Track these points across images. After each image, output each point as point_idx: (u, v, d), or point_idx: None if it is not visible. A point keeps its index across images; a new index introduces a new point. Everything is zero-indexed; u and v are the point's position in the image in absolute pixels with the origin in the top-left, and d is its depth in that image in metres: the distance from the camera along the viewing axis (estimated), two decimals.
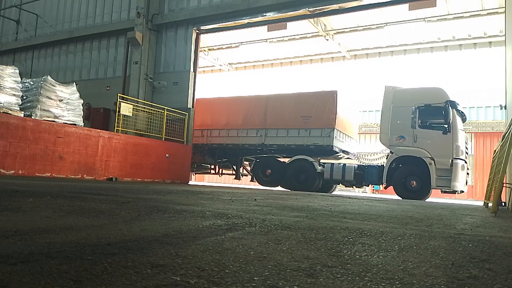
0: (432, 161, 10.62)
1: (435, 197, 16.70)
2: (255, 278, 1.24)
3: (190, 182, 17.22)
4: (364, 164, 13.82)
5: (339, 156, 13.74)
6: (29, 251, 1.42)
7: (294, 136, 13.15)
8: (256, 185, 17.52)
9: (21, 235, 1.75)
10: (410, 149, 10.99)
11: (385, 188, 12.08)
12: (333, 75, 25.92)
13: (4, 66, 9.30)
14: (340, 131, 13.07)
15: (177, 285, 1.12)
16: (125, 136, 11.49)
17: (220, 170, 15.72)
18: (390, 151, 11.45)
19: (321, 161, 13.26)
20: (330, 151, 12.84)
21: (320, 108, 12.89)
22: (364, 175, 12.14)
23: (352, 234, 2.42)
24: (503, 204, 8.64)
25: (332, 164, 12.73)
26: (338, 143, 12.94)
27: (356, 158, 15.90)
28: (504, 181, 6.03)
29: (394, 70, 30.14)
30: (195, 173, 18.01)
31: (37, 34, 18.76)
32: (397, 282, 1.30)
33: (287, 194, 9.05)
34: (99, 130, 10.89)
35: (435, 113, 11.00)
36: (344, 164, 12.66)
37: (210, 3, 14.15)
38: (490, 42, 14.90)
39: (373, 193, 24.81)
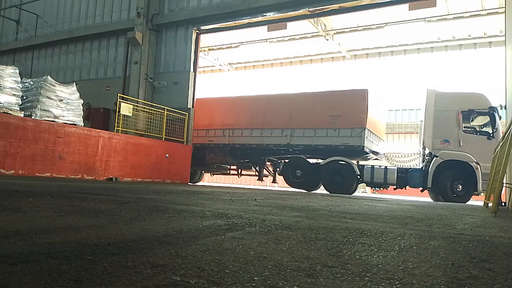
0: (478, 165, 10.68)
1: None
2: (255, 278, 1.24)
3: (202, 183, 17.13)
4: (405, 167, 13.40)
5: (368, 157, 13.40)
6: (29, 251, 1.42)
7: (322, 136, 12.77)
8: (282, 187, 17.37)
9: (21, 235, 1.75)
10: (456, 153, 10.96)
11: (423, 190, 11.98)
12: (333, 75, 25.93)
13: (4, 66, 9.30)
14: (370, 131, 12.73)
15: (177, 285, 1.12)
16: (125, 136, 11.49)
17: (241, 170, 15.25)
18: (434, 155, 11.34)
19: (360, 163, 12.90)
20: (360, 152, 12.51)
21: (350, 107, 12.49)
22: (406, 178, 11.90)
23: (352, 234, 2.42)
24: (503, 204, 8.65)
25: (372, 166, 12.38)
26: (369, 144, 12.58)
27: (386, 159, 15.44)
28: (504, 181, 6.03)
29: (394, 70, 30.16)
30: (213, 174, 17.61)
31: (37, 34, 18.76)
32: (397, 282, 1.30)
33: (287, 194, 9.05)
34: (99, 130, 10.89)
35: (478, 119, 11.18)
36: (386, 167, 12.40)
37: (210, 3, 14.15)
38: (490, 42, 14.91)
39: (373, 193, 24.81)
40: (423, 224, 3.39)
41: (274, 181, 15.29)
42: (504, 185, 7.58)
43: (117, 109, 11.65)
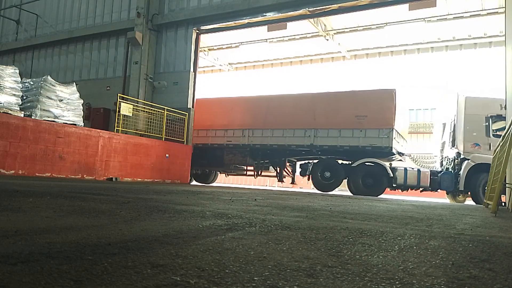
0: None
1: (435, 197, 16.70)
2: (255, 278, 1.24)
3: (217, 183, 16.87)
4: (436, 170, 13.22)
5: (393, 158, 13.21)
6: (29, 251, 1.42)
7: (347, 137, 12.48)
8: (301, 188, 17.11)
9: (21, 235, 1.75)
10: (487, 157, 10.96)
11: (451, 193, 12.01)
12: (333, 75, 25.92)
13: (4, 66, 9.30)
14: (397, 132, 12.52)
15: (177, 285, 1.12)
16: (125, 136, 11.49)
17: (260, 171, 14.89)
18: (465, 158, 11.41)
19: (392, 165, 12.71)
20: (387, 153, 12.30)
21: (377, 107, 12.23)
22: (439, 181, 11.87)
23: (352, 234, 2.42)
24: (503, 204, 8.64)
25: (405, 168, 12.25)
26: (396, 144, 12.35)
27: (413, 161, 15.12)
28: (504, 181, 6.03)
29: (394, 70, 30.14)
30: (228, 175, 17.30)
31: (37, 34, 18.75)
32: (397, 282, 1.30)
33: (287, 194, 9.05)
34: (99, 130, 10.89)
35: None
36: (418, 169, 12.31)
37: (210, 3, 14.15)
38: (490, 42, 14.90)
39: None
40: (423, 224, 3.39)
41: (293, 182, 15.04)
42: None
43: (117, 109, 11.65)
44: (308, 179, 13.65)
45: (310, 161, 13.72)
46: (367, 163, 12.39)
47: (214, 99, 15.77)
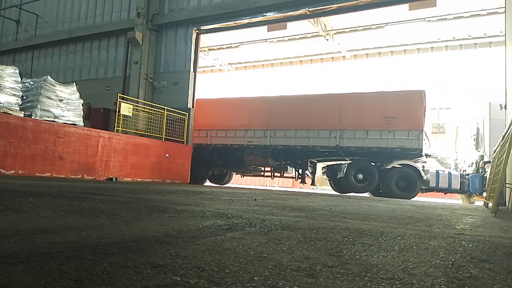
0: None
1: (435, 198, 16.70)
2: (255, 278, 1.24)
3: (231, 184, 16.66)
4: (465, 172, 13.15)
5: (419, 160, 13.02)
6: (29, 251, 1.42)
7: (375, 138, 12.33)
8: (320, 189, 16.91)
9: (21, 235, 1.75)
10: None
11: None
12: (333, 75, 25.90)
13: (4, 66, 9.29)
14: (425, 133, 12.34)
15: (177, 285, 1.12)
16: (125, 136, 11.49)
17: (282, 173, 14.71)
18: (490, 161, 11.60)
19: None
20: (417, 155, 12.12)
21: (406, 108, 12.07)
22: (468, 183, 11.92)
23: (352, 234, 2.42)
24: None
25: (437, 171, 12.20)
26: (424, 146, 12.18)
27: (440, 163, 15.06)
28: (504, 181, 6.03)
29: (394, 70, 30.10)
30: (244, 175, 16.98)
31: (37, 34, 18.75)
32: (397, 282, 1.30)
33: (287, 194, 9.05)
34: (99, 130, 10.88)
35: None
36: (449, 172, 12.31)
37: (210, 3, 14.15)
38: (490, 42, 14.91)
39: None
40: (423, 224, 3.39)
41: (313, 183, 14.94)
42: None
43: (117, 109, 11.64)
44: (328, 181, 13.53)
45: (342, 162, 13.50)
46: (405, 165, 12.23)
47: (233, 98, 15.49)
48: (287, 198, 6.77)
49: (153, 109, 13.08)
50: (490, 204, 6.16)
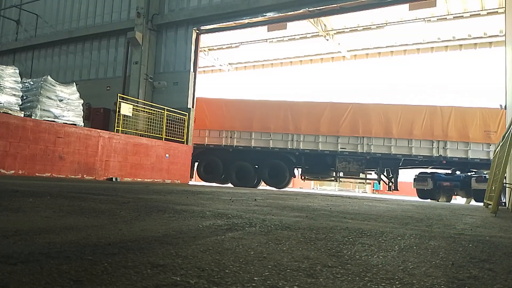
0: None
1: None
2: (255, 278, 1.24)
3: (289, 188, 16.23)
4: None
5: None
6: (29, 251, 1.42)
7: (477, 150, 13.07)
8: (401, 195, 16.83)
9: (21, 235, 1.75)
10: None
11: None
12: (333, 75, 25.90)
13: (4, 66, 9.29)
14: None
15: (177, 285, 1.12)
16: (125, 136, 11.49)
17: (380, 180, 14.86)
18: None
19: None
20: None
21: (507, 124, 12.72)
22: None
23: (352, 234, 2.42)
24: (503, 204, 8.64)
25: None
26: None
27: None
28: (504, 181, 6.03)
29: (394, 70, 30.11)
30: (305, 179, 16.26)
31: (37, 34, 18.75)
32: (397, 282, 1.30)
33: (287, 194, 9.05)
34: (99, 130, 10.88)
35: None
36: None
37: (210, 3, 14.15)
38: (490, 42, 14.92)
39: (373, 193, 24.81)
40: (423, 224, 3.39)
41: (395, 189, 14.89)
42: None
43: (117, 109, 11.64)
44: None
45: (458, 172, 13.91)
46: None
47: (324, 103, 15.09)
48: (287, 198, 6.77)
49: (153, 109, 13.08)
50: (490, 204, 6.15)
